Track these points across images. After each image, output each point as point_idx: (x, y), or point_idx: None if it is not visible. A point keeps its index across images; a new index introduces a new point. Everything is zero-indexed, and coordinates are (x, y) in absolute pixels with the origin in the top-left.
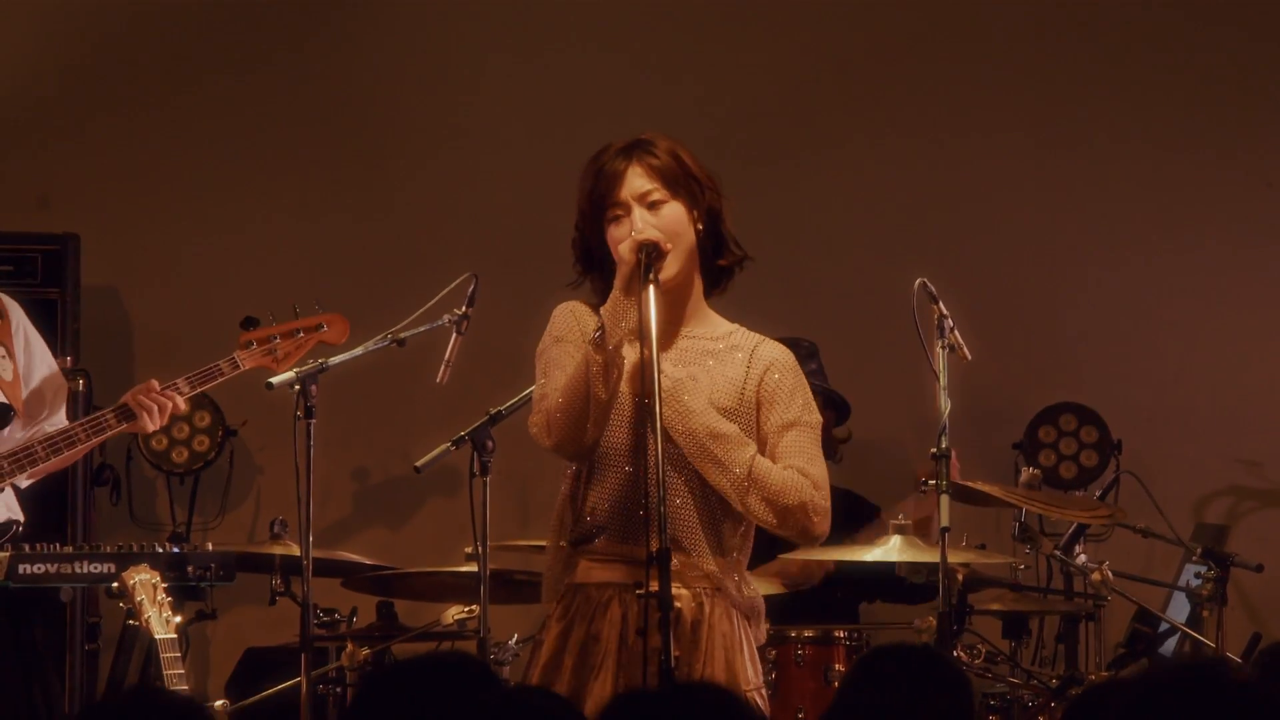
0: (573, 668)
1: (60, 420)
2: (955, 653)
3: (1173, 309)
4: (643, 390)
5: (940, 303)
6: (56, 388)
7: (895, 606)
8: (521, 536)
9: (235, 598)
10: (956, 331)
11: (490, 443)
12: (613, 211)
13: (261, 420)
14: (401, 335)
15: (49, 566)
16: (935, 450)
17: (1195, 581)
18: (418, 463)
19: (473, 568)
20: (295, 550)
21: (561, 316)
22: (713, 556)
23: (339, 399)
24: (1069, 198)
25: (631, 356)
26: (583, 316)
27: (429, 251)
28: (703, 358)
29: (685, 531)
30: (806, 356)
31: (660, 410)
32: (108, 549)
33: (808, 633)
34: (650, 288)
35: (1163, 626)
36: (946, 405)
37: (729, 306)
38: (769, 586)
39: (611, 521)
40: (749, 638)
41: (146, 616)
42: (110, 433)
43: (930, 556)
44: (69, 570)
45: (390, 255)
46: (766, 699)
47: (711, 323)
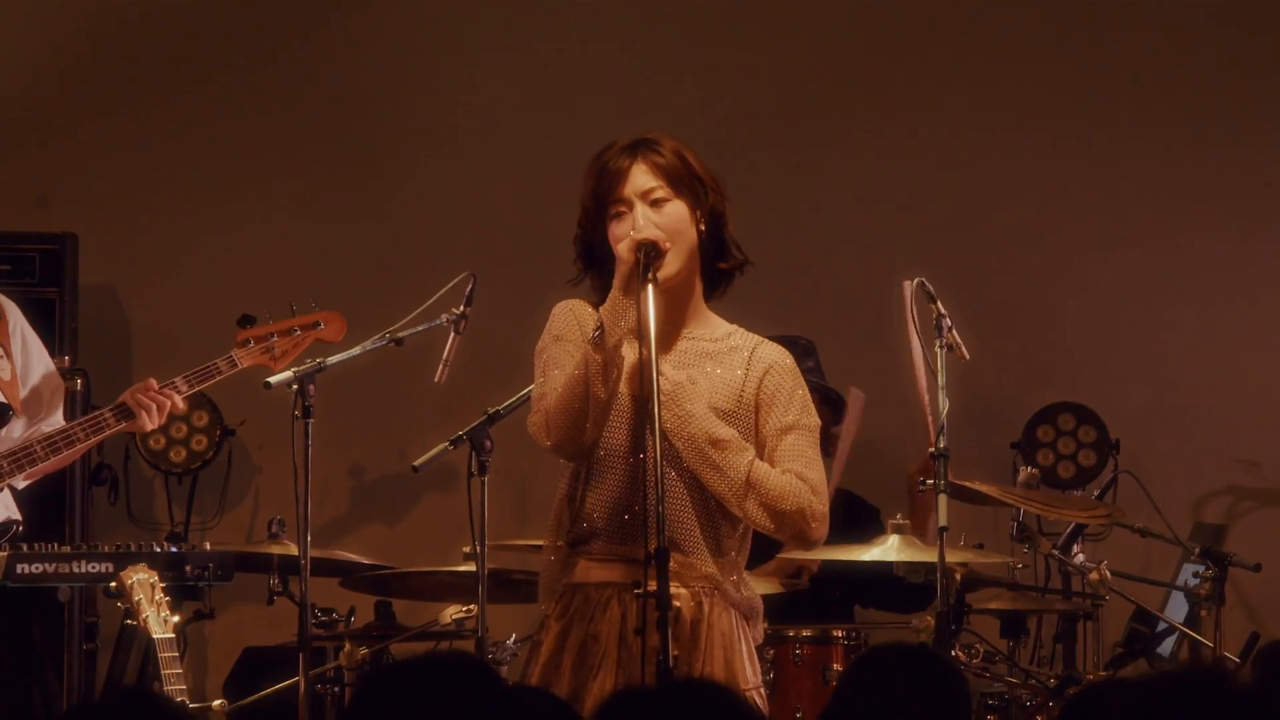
0: (572, 667)
1: (57, 420)
2: (953, 652)
3: (1171, 309)
4: (641, 390)
5: (938, 302)
6: (54, 388)
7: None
8: (519, 536)
9: (233, 597)
10: (954, 331)
11: (488, 442)
12: (615, 208)
13: (259, 420)
14: (400, 334)
15: (47, 566)
16: (933, 450)
17: (1193, 581)
18: (416, 462)
19: (471, 567)
20: (293, 550)
21: (561, 314)
22: (711, 557)
23: (337, 398)
24: (1068, 197)
25: (630, 356)
26: (582, 314)
27: (427, 251)
28: (702, 360)
29: (683, 533)
30: (803, 354)
31: (659, 412)
32: (106, 549)
33: (806, 632)
34: (649, 287)
35: (1161, 626)
36: (945, 405)
37: (727, 305)
38: (767, 586)
39: (610, 522)
40: (747, 637)
41: (144, 616)
42: (109, 432)
43: (928, 556)
44: (67, 570)
45: (388, 254)
46: (765, 698)
47: (711, 324)
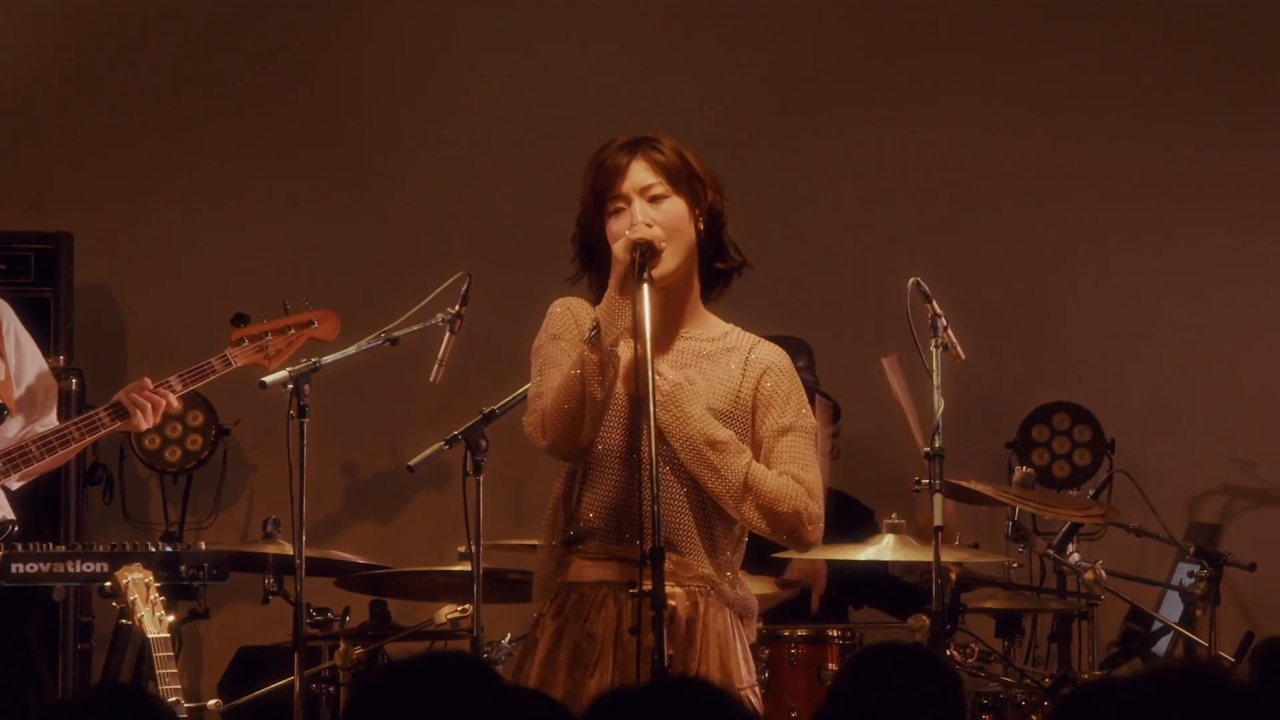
0: (568, 666)
1: (51, 420)
2: (948, 651)
3: (1166, 308)
4: (637, 390)
5: (934, 301)
6: (47, 388)
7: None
8: (515, 535)
9: (228, 597)
10: (950, 330)
11: (484, 442)
12: (614, 204)
13: (254, 419)
14: (395, 334)
15: (42, 566)
16: (929, 449)
17: (1188, 580)
18: (411, 461)
19: (466, 567)
20: (288, 549)
21: (558, 313)
22: (707, 558)
23: (332, 398)
24: (1064, 197)
25: (627, 355)
26: (579, 313)
27: (422, 250)
28: (699, 360)
29: (679, 533)
30: (793, 353)
31: (654, 410)
32: (101, 548)
33: (801, 632)
34: (644, 286)
35: (1156, 625)
36: (940, 405)
37: (723, 304)
38: (762, 586)
39: (605, 522)
40: (742, 636)
41: (139, 616)
42: (103, 431)
43: (923, 556)
44: (62, 569)
45: (384, 254)
46: (760, 697)
47: (708, 324)
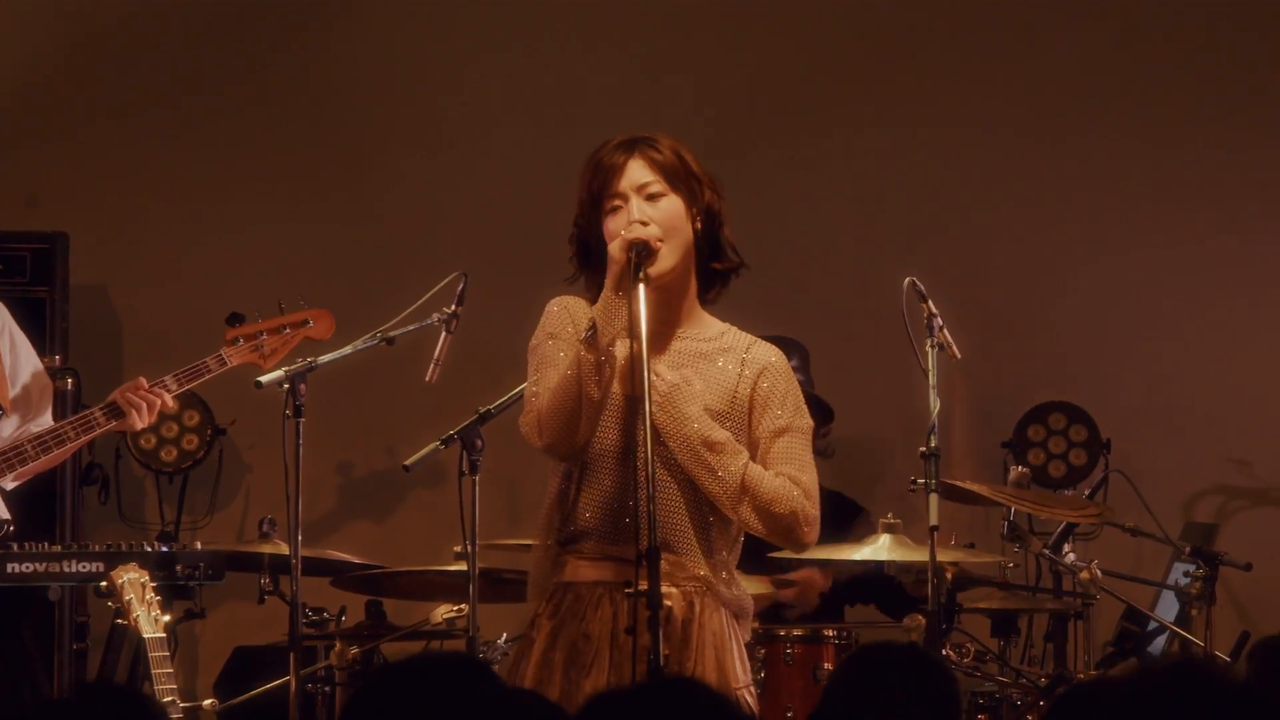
0: (564, 666)
1: (46, 420)
2: (944, 651)
3: (1162, 308)
4: (633, 390)
5: (929, 301)
6: (42, 388)
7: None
8: (510, 535)
9: (224, 597)
10: (946, 330)
11: (480, 441)
12: (611, 203)
13: (250, 419)
14: (391, 334)
15: (37, 565)
16: (924, 449)
17: (1184, 580)
18: (407, 461)
19: (462, 566)
20: (284, 549)
21: (555, 311)
22: (703, 558)
23: (328, 398)
24: (1059, 196)
25: (623, 355)
26: (576, 312)
27: (418, 250)
28: (695, 359)
29: (675, 533)
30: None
31: (650, 410)
32: (96, 548)
33: (796, 631)
34: (640, 286)
35: (1151, 625)
36: (936, 404)
37: (718, 303)
38: (758, 586)
39: (602, 522)
40: (738, 636)
41: (135, 615)
42: (99, 431)
43: (919, 555)
44: (57, 569)
45: (379, 254)
46: (755, 697)
47: (705, 323)
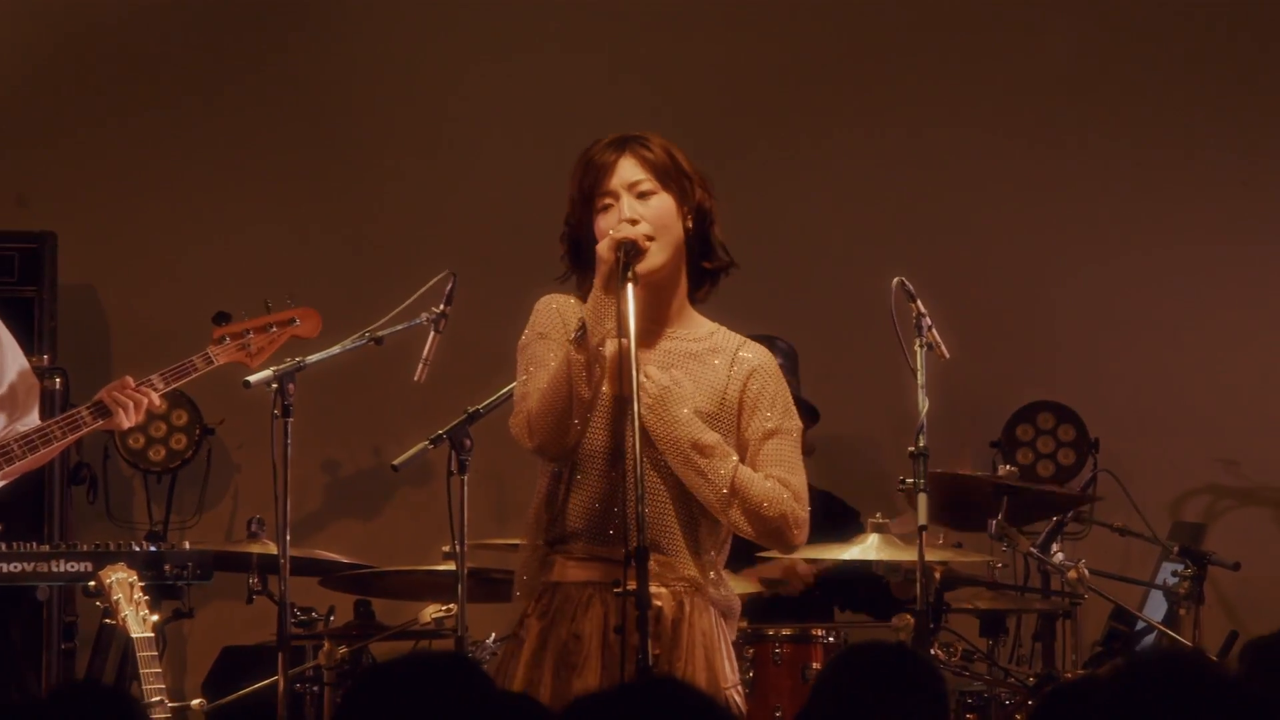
0: (554, 667)
1: (33, 419)
2: (932, 651)
3: (1151, 308)
4: (622, 390)
5: (918, 301)
6: (29, 387)
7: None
8: (499, 535)
9: (212, 596)
10: (934, 330)
11: (468, 441)
12: (602, 201)
13: (239, 419)
14: (379, 333)
15: (25, 565)
16: (913, 449)
17: (1172, 580)
18: (396, 461)
19: (450, 566)
20: (272, 549)
21: (544, 310)
22: (692, 559)
23: (316, 397)
24: (1047, 196)
25: (613, 355)
26: (566, 311)
27: (407, 250)
28: (685, 359)
29: (664, 534)
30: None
31: (639, 409)
32: (84, 548)
33: (785, 631)
34: (629, 286)
35: (1140, 625)
36: (924, 404)
37: (707, 303)
38: (746, 586)
39: (590, 522)
40: (726, 636)
41: (123, 615)
42: (86, 430)
43: (907, 555)
44: (45, 569)
45: (368, 254)
46: (743, 697)
47: (694, 323)
